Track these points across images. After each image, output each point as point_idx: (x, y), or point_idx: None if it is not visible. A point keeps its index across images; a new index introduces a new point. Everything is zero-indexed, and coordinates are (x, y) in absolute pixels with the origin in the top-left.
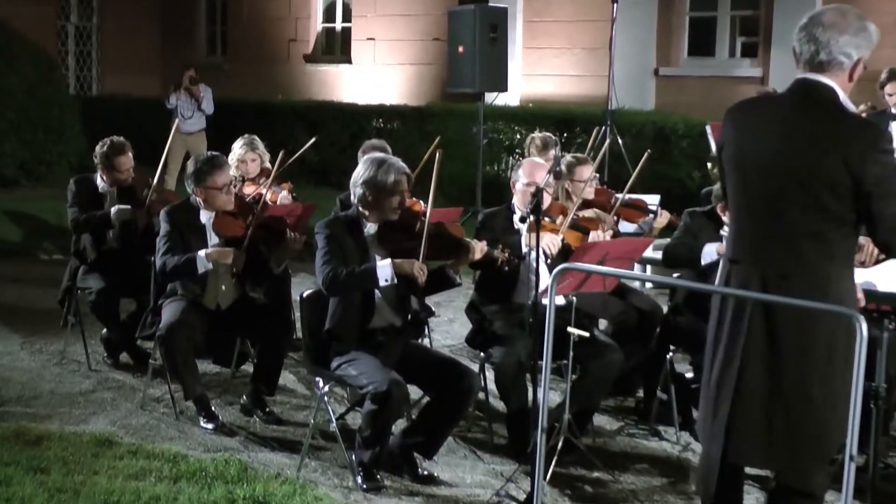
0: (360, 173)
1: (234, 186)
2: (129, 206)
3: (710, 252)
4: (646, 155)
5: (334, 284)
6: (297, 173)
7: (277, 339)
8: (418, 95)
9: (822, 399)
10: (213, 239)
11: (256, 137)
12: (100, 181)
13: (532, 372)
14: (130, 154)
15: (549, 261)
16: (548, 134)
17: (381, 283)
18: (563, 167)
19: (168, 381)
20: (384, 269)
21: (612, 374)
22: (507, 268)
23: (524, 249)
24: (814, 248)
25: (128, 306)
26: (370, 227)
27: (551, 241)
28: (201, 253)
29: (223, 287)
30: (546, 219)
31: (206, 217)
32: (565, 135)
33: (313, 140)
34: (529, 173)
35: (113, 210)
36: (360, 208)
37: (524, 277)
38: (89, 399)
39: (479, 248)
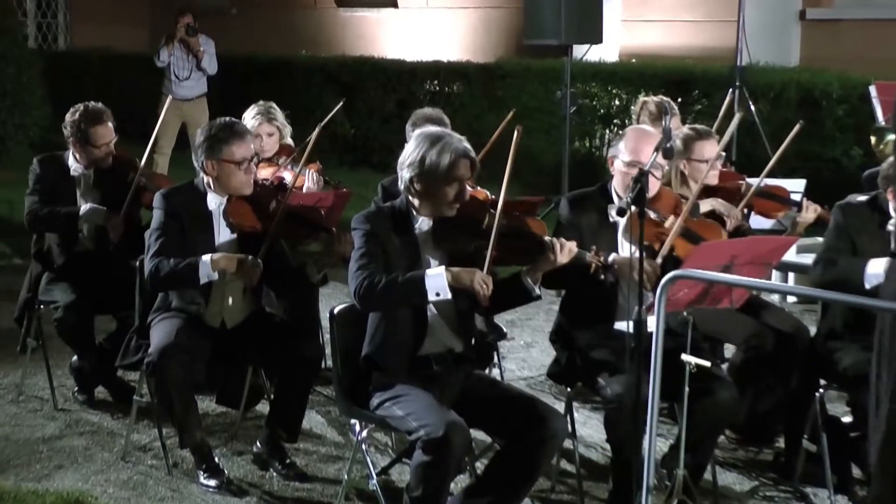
0: (408, 153)
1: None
2: (103, 208)
3: (877, 272)
4: (797, 128)
5: (370, 296)
6: (328, 150)
7: (301, 370)
8: (485, 49)
9: None
10: (222, 232)
11: (274, 105)
12: (71, 161)
13: (635, 412)
14: (111, 124)
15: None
16: (665, 99)
17: (431, 297)
18: (676, 142)
19: (158, 425)
20: (436, 279)
21: (724, 418)
22: (602, 276)
23: (622, 252)
24: None
25: (106, 325)
26: (423, 223)
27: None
28: (205, 258)
29: (230, 300)
30: (651, 213)
31: (215, 202)
32: (679, 100)
33: (342, 104)
34: (635, 148)
35: (83, 208)
36: (409, 198)
37: (627, 290)
38: (55, 448)
39: (567, 250)
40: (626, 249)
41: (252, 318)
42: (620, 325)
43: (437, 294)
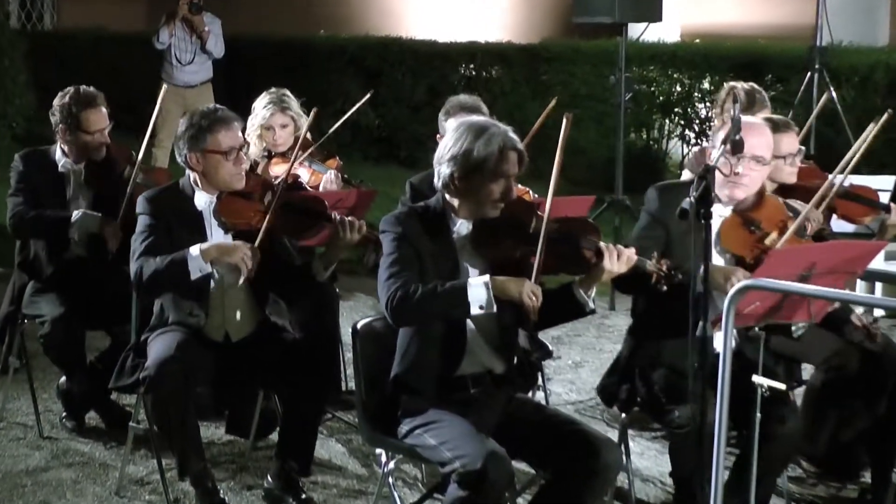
0: (448, 145)
1: (257, 161)
2: (97, 214)
3: None
4: (885, 116)
5: (404, 309)
6: (349, 144)
7: (309, 393)
8: (528, 29)
9: None
10: (215, 233)
11: (288, 93)
12: (59, 155)
13: (700, 441)
14: (105, 110)
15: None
16: (757, 87)
17: (475, 310)
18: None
19: (157, 454)
20: (479, 289)
21: (788, 449)
22: (663, 287)
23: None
24: None
25: (98, 342)
26: (461, 225)
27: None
28: (194, 250)
29: (238, 314)
30: (751, 225)
31: (204, 201)
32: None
33: (369, 95)
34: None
35: (75, 214)
36: (447, 197)
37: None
38: (40, 481)
39: (624, 258)
40: (715, 257)
41: (260, 330)
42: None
43: (481, 307)
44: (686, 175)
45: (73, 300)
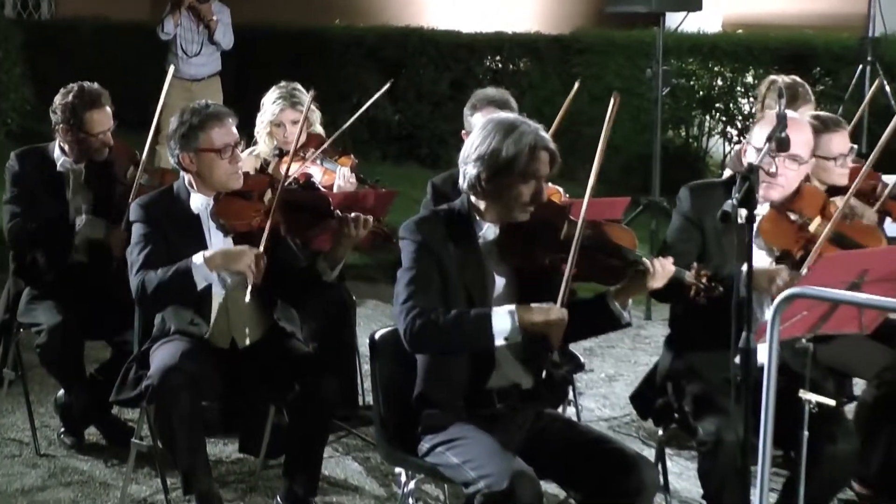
0: (475, 144)
1: (267, 160)
2: (102, 220)
3: None
4: None
5: (424, 339)
6: (367, 141)
7: (313, 408)
8: (558, 18)
9: None
10: (214, 237)
11: (299, 87)
12: (57, 153)
13: (742, 461)
14: (109, 110)
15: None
16: (800, 81)
17: (498, 342)
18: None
19: (161, 472)
20: (503, 319)
21: (840, 471)
22: (703, 300)
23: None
24: None
25: (98, 353)
26: (488, 230)
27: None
28: (197, 258)
29: (244, 320)
30: (791, 215)
31: (200, 203)
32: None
33: (388, 85)
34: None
35: (79, 221)
36: (473, 199)
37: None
38: (36, 500)
39: (665, 271)
40: (760, 258)
41: (268, 337)
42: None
43: (505, 338)
44: (728, 175)
45: (72, 308)
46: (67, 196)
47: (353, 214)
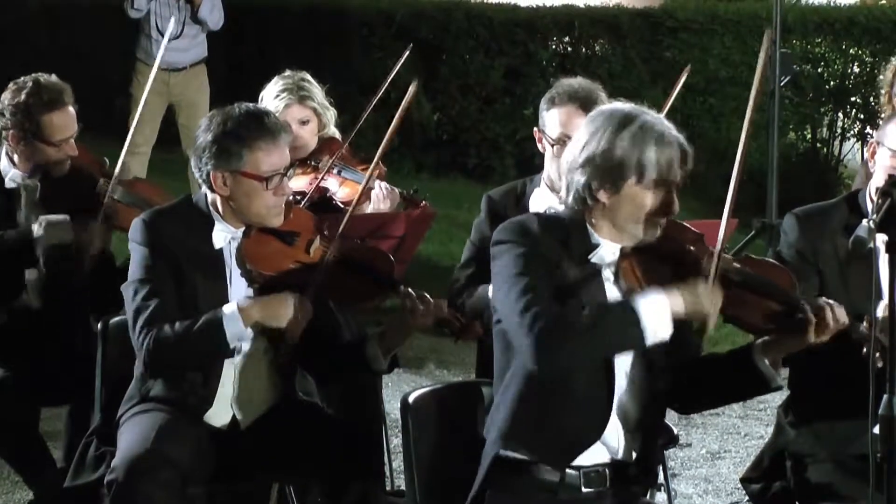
0: (582, 141)
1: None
2: (65, 218)
3: None
4: None
5: (565, 338)
6: (397, 149)
7: (349, 488)
8: None
9: None
10: (235, 282)
11: (308, 77)
12: (4, 164)
13: None
14: (73, 110)
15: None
16: None
17: (650, 338)
18: None
19: None
20: (652, 306)
21: None
22: (879, 363)
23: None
24: None
25: (55, 424)
26: (604, 249)
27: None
28: (229, 308)
29: (255, 393)
30: None
31: (225, 237)
32: None
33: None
34: None
35: (36, 227)
36: (584, 214)
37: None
38: None
39: (835, 323)
40: None
41: (278, 409)
42: None
43: (655, 332)
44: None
45: (22, 363)
46: (19, 219)
47: (421, 293)
